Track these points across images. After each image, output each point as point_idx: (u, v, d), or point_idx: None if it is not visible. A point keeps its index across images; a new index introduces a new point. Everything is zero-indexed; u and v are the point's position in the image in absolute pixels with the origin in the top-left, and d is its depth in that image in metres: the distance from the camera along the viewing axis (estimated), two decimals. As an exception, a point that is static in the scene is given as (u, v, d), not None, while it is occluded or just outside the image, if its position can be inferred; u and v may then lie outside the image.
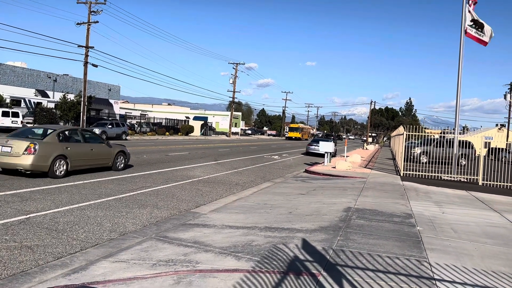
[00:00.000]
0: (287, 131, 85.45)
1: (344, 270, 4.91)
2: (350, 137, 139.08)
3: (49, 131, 12.28)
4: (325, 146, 22.08)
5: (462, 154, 22.26)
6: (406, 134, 18.27)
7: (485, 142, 18.46)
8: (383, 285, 4.50)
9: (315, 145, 30.83)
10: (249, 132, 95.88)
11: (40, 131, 12.59)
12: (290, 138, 77.98)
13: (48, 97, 47.24)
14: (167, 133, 52.62)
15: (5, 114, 33.56)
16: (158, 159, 19.75)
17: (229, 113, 76.94)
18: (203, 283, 4.43)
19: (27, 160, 11.08)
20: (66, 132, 12.79)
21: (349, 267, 5.04)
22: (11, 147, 11.32)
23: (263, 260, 5.24)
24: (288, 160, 26.14)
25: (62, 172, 11.90)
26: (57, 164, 11.69)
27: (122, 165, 14.45)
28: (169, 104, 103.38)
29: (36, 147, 11.21)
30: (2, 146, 11.43)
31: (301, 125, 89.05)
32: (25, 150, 11.15)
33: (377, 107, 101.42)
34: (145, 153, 22.14)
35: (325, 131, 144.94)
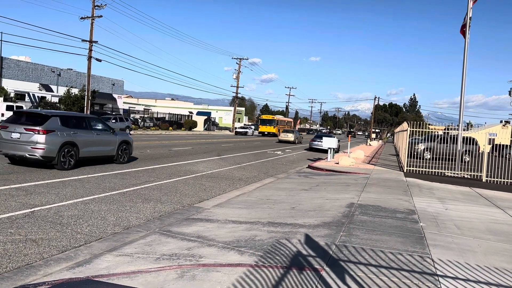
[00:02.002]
0: (259, 123, 64.33)
1: (347, 266, 4.92)
2: (359, 133, 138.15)
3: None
4: (328, 142, 22.05)
5: (466, 151, 22.18)
6: (410, 130, 18.21)
7: (489, 139, 18.39)
8: (386, 280, 4.51)
9: (318, 141, 30.83)
10: (252, 127, 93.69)
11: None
12: (262, 134, 60.66)
13: (52, 91, 47.33)
14: (171, 128, 52.66)
15: (9, 108, 33.68)
16: (161, 153, 19.79)
17: (232, 108, 76.81)
18: (207, 277, 4.45)
19: (292, 139, 41.21)
20: (296, 131, 43.14)
21: (352, 262, 5.05)
22: (288, 135, 42.15)
23: (266, 255, 5.26)
24: (291, 155, 26.14)
25: (300, 143, 42.03)
26: (297, 140, 42.42)
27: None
28: (172, 99, 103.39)
29: (294, 134, 42.37)
30: (284, 135, 42.47)
31: (277, 117, 66.76)
32: (292, 136, 41.57)
33: (381, 103, 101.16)
34: (148, 148, 22.19)
35: (328, 128, 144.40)
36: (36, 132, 11.48)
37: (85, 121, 13.29)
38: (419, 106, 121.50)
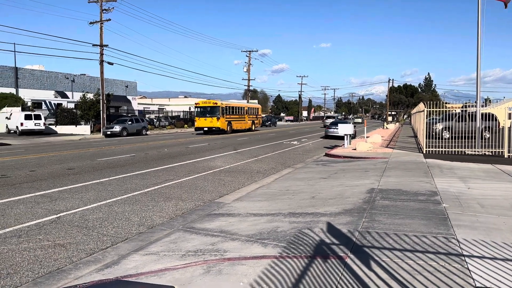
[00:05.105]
0: (197, 113, 40.13)
1: (371, 252, 4.92)
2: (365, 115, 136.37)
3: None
4: (344, 128, 21.91)
5: (485, 127, 21.75)
6: (427, 111, 17.94)
7: (509, 113, 17.98)
8: (412, 264, 4.50)
9: (334, 128, 30.65)
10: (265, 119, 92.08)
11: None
12: (199, 130, 39.25)
13: (67, 97, 48.15)
14: (186, 125, 53.00)
15: (27, 117, 34.38)
16: (179, 152, 19.98)
17: (245, 101, 76.76)
18: (232, 270, 4.52)
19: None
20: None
21: (376, 248, 5.05)
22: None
23: (290, 245, 5.30)
24: (307, 144, 26.07)
25: None
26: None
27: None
28: (185, 97, 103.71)
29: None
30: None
31: (224, 103, 40.80)
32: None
33: (395, 85, 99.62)
34: (165, 147, 22.41)
35: (343, 114, 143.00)
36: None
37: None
38: (435, 85, 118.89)
